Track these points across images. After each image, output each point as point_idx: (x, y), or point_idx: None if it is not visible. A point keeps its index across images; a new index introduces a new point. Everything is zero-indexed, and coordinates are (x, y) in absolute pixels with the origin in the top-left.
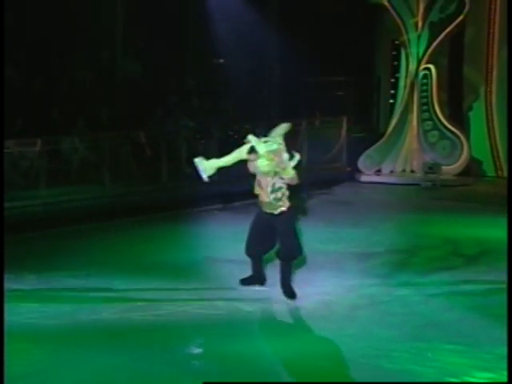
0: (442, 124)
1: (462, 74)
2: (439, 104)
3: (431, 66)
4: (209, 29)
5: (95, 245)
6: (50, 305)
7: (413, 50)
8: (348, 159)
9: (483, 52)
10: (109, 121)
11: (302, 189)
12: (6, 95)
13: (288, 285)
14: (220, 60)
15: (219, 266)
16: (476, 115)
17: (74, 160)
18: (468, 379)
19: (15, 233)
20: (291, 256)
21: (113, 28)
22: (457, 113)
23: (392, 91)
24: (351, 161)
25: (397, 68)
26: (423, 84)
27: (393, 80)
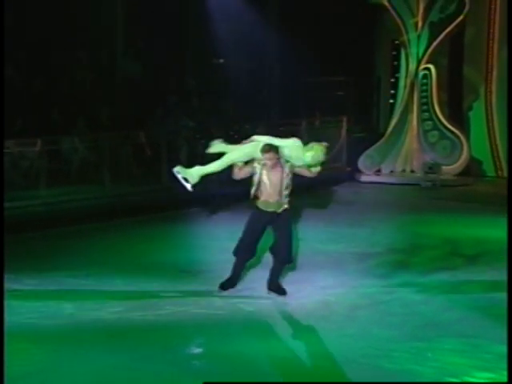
0: (442, 124)
1: (462, 74)
2: (439, 104)
3: (431, 66)
4: (209, 29)
5: (95, 245)
6: (50, 305)
7: (413, 50)
8: (348, 159)
9: (483, 52)
10: (109, 121)
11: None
12: (6, 95)
13: (277, 282)
14: (220, 60)
15: (219, 266)
16: (476, 115)
17: (74, 160)
18: (468, 379)
19: (15, 233)
20: (291, 259)
21: (113, 28)
22: (457, 113)
23: (392, 91)
24: (351, 161)
25: (397, 68)
26: (423, 84)
27: (393, 80)
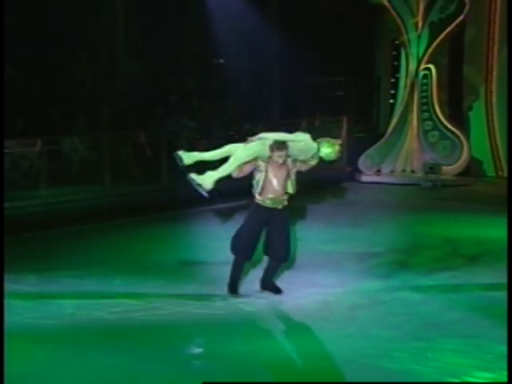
0: (442, 124)
1: (462, 74)
2: (439, 104)
3: (431, 66)
4: (209, 29)
5: (95, 245)
6: (50, 305)
7: (413, 50)
8: (348, 159)
9: (483, 52)
10: (109, 121)
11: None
12: (6, 95)
13: (272, 282)
14: (220, 60)
15: (219, 266)
16: (476, 115)
17: (75, 160)
18: (468, 379)
19: (15, 233)
20: (288, 257)
21: (113, 28)
22: (457, 113)
23: (392, 91)
24: (351, 161)
25: (397, 68)
26: (423, 84)
27: (393, 80)
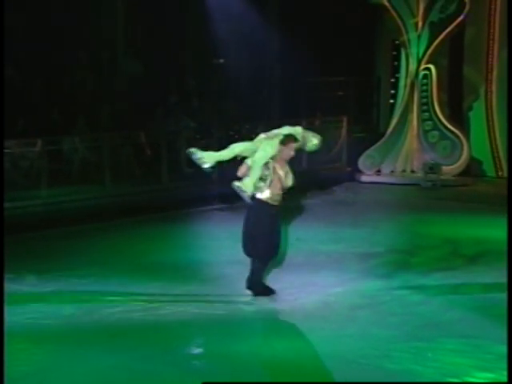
0: (442, 124)
1: (462, 74)
2: (439, 104)
3: (431, 66)
4: (209, 29)
5: (95, 245)
6: (50, 305)
7: (413, 50)
8: (348, 159)
9: (483, 52)
10: (109, 121)
11: None
12: (6, 95)
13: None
14: (220, 60)
15: (219, 266)
16: (476, 115)
17: (75, 160)
18: (468, 379)
19: (15, 233)
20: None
21: (113, 28)
22: (457, 113)
23: (392, 91)
24: (351, 161)
25: (397, 68)
26: (423, 84)
27: (393, 80)
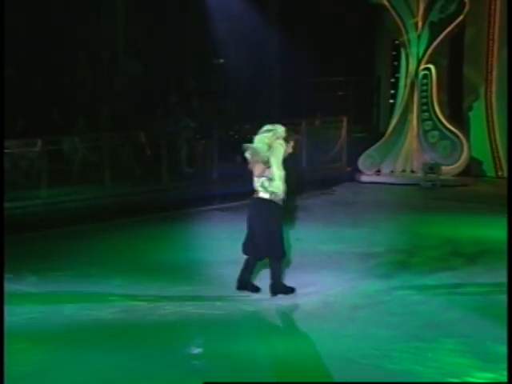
0: (442, 124)
1: (462, 74)
2: (439, 104)
3: (431, 66)
4: (209, 29)
5: (95, 245)
6: (50, 305)
7: (413, 50)
8: (348, 159)
9: (483, 52)
10: (109, 121)
11: None
12: (6, 95)
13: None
14: (220, 60)
15: (219, 266)
16: (476, 115)
17: (75, 160)
18: (468, 379)
19: (15, 233)
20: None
21: (113, 28)
22: (457, 113)
23: (392, 91)
24: (351, 161)
25: (397, 68)
26: (423, 84)
27: (393, 80)
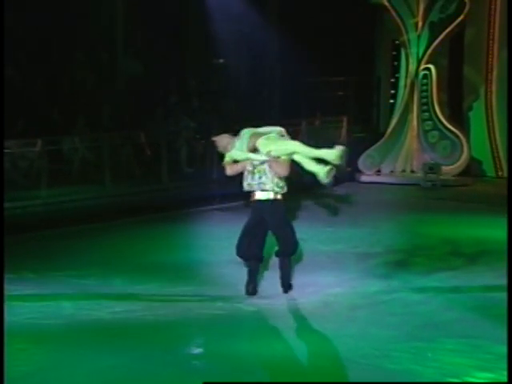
0: (442, 124)
1: (462, 74)
2: (439, 104)
3: (431, 66)
4: (209, 29)
5: (95, 245)
6: (50, 305)
7: (413, 50)
8: (348, 159)
9: (483, 52)
10: (109, 121)
11: None
12: (6, 95)
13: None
14: (220, 60)
15: (219, 266)
16: (476, 115)
17: (75, 160)
18: (468, 379)
19: (15, 233)
20: None
21: (113, 28)
22: (457, 113)
23: (392, 91)
24: (351, 161)
25: (397, 68)
26: (423, 84)
27: (393, 80)
